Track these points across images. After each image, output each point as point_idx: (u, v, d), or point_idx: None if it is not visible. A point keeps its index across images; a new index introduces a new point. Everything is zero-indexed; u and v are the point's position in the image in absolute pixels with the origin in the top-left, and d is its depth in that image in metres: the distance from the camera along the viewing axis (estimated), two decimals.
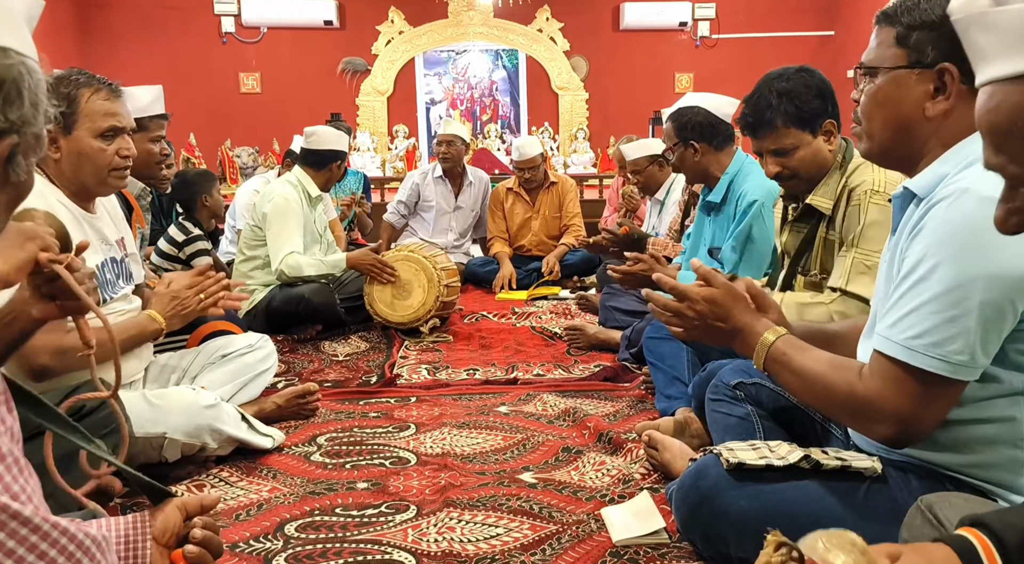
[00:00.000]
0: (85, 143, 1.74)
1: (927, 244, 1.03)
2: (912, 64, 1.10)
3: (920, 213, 1.07)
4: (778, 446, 1.24)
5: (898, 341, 1.04)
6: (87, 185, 1.79)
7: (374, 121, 7.85)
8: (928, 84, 1.09)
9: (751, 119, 1.82)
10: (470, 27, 7.83)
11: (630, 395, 2.45)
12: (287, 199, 3.22)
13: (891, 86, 1.13)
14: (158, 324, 1.81)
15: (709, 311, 1.27)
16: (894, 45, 1.12)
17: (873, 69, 1.15)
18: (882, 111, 1.14)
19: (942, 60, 1.07)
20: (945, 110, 1.09)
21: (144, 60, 7.25)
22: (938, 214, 1.02)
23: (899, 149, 1.16)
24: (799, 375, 1.18)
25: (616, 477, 1.83)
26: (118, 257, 1.90)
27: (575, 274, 4.43)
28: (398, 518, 1.64)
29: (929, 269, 1.02)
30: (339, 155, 3.42)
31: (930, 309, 1.01)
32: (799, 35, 7.81)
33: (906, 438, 1.09)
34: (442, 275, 3.27)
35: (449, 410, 2.34)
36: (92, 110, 1.73)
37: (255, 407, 2.17)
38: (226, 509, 1.69)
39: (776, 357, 1.20)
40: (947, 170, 1.07)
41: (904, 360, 1.03)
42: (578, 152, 7.79)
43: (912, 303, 1.03)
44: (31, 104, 0.67)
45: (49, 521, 0.58)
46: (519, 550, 1.50)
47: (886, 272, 1.18)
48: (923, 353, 1.01)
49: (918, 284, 1.03)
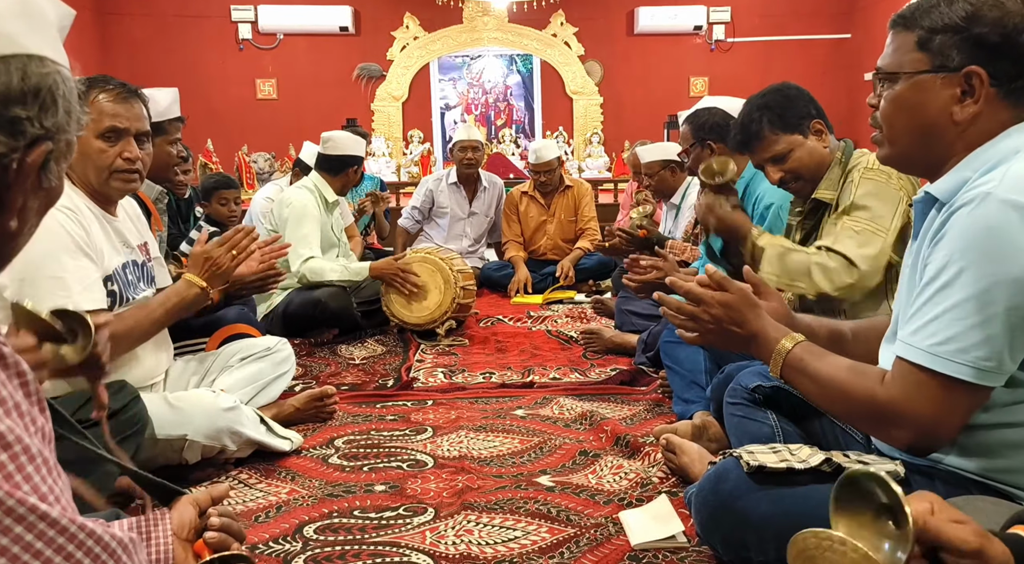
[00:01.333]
0: (86, 143, 1.71)
1: (950, 250, 1.01)
2: (936, 68, 1.08)
3: (942, 218, 1.06)
4: (799, 449, 1.23)
5: (922, 348, 1.02)
6: (98, 186, 1.78)
7: (389, 126, 7.90)
8: (954, 88, 1.07)
9: (740, 137, 1.93)
10: (485, 32, 7.87)
11: (647, 399, 2.44)
12: (304, 203, 3.25)
13: (913, 91, 1.11)
14: (197, 286, 1.86)
15: (724, 315, 1.26)
16: (915, 49, 1.10)
17: (893, 74, 1.13)
18: (904, 117, 1.13)
19: (968, 63, 1.05)
20: (974, 114, 1.07)
21: (163, 67, 7.34)
22: (961, 219, 1.01)
23: (921, 155, 1.14)
24: (818, 382, 1.17)
25: (634, 481, 1.83)
26: (139, 261, 1.93)
27: (590, 278, 4.42)
28: (416, 521, 1.65)
29: (953, 275, 1.00)
30: (356, 160, 3.45)
31: (955, 315, 1.00)
32: (815, 38, 7.78)
33: (928, 445, 1.08)
34: (459, 277, 3.28)
35: (466, 413, 2.35)
36: (96, 110, 1.72)
37: (273, 410, 2.19)
38: (245, 511, 1.70)
39: (794, 364, 1.20)
40: (968, 175, 1.06)
41: (929, 367, 1.02)
42: (592, 156, 7.79)
43: (936, 309, 1.02)
44: (65, 111, 0.68)
45: (76, 523, 0.59)
46: (537, 553, 1.50)
47: (908, 277, 1.16)
48: (949, 359, 1.00)
49: (942, 290, 1.01)
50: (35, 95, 0.64)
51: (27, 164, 0.65)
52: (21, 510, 0.53)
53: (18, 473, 0.55)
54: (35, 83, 0.65)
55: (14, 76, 0.63)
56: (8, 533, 0.52)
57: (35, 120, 0.64)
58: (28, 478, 0.55)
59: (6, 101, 0.63)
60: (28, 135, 0.64)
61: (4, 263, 0.72)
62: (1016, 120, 1.06)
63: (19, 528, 0.53)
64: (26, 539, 0.53)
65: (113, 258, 1.79)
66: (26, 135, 0.64)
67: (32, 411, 0.61)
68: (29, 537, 0.54)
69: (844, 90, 7.46)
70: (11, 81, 0.63)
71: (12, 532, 0.53)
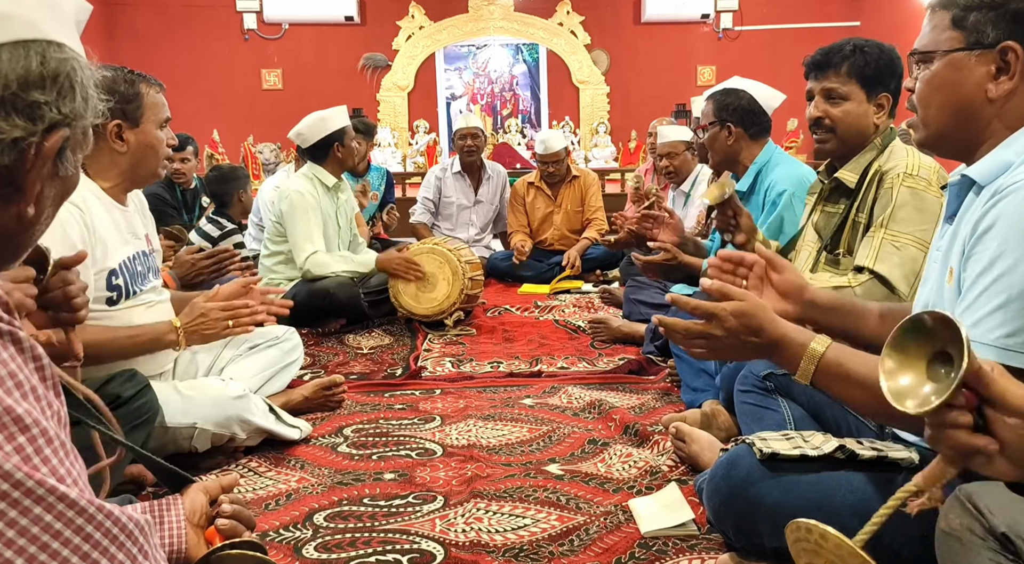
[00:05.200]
0: (153, 135, 1.82)
1: (1004, 237, 0.96)
2: (971, 46, 1.07)
3: (985, 203, 1.01)
4: (812, 436, 1.22)
5: (988, 341, 0.96)
6: (143, 176, 1.86)
7: (395, 116, 7.87)
8: (989, 65, 1.06)
9: (819, 57, 1.83)
10: (490, 22, 7.82)
11: (655, 388, 2.44)
12: (302, 194, 3.21)
13: (948, 70, 1.09)
14: (175, 339, 1.79)
15: (741, 326, 1.15)
16: (950, 28, 1.09)
17: (928, 54, 1.11)
18: (940, 96, 1.11)
19: (1004, 39, 1.04)
20: (1009, 90, 1.05)
21: (168, 57, 7.33)
22: (1012, 205, 0.97)
23: (957, 135, 1.12)
24: (865, 387, 1.05)
25: (643, 469, 1.82)
26: (146, 250, 1.93)
27: (597, 268, 4.41)
28: (425, 509, 1.65)
29: (1011, 264, 0.95)
30: (335, 136, 3.30)
31: (1020, 305, 0.94)
32: (824, 26, 7.71)
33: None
34: (466, 268, 3.27)
35: (474, 402, 2.35)
36: (153, 103, 1.83)
37: (282, 399, 2.19)
38: (255, 499, 1.71)
39: (829, 370, 1.10)
40: (1010, 158, 1.03)
41: (1002, 361, 0.93)
42: (599, 146, 7.75)
43: (996, 300, 0.96)
44: (82, 98, 0.68)
45: (95, 504, 0.59)
46: (547, 541, 1.50)
47: (941, 260, 1.12)
48: (1020, 352, 0.94)
49: (1000, 279, 0.96)
50: (54, 80, 0.65)
51: (44, 149, 0.65)
52: (40, 491, 0.53)
53: (36, 455, 0.55)
54: (54, 68, 0.65)
55: (33, 60, 0.63)
56: (28, 514, 0.53)
57: (53, 105, 0.65)
58: (46, 460, 0.55)
59: (25, 85, 0.63)
60: (46, 120, 0.64)
61: (21, 252, 0.72)
62: None
63: (38, 509, 0.53)
64: (46, 519, 0.53)
65: (121, 249, 1.79)
66: (44, 120, 0.64)
67: (48, 395, 0.61)
68: (48, 518, 0.54)
69: None
70: (30, 65, 0.63)
71: (32, 512, 0.53)
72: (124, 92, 1.77)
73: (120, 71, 1.81)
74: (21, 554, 0.52)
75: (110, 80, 1.76)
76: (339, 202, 3.40)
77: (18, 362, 0.57)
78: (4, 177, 0.64)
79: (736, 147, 2.47)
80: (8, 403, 0.54)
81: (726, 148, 2.48)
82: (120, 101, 1.76)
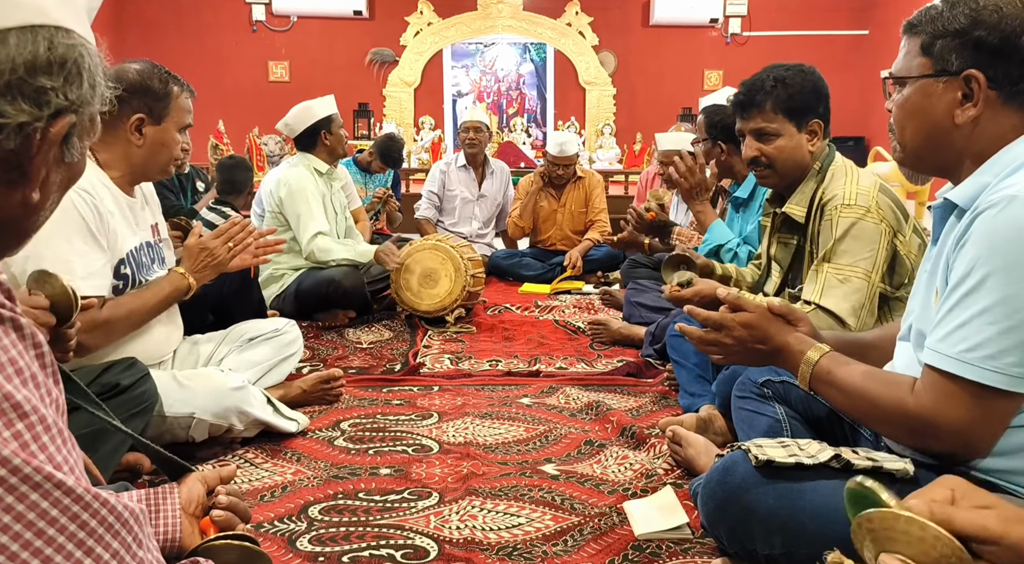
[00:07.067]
0: (170, 135, 1.85)
1: (976, 254, 1.00)
2: (938, 73, 1.10)
3: (965, 223, 1.04)
4: (808, 444, 1.22)
5: (951, 355, 1.01)
6: (151, 172, 1.88)
7: (401, 112, 7.88)
8: (956, 92, 1.09)
9: (743, 97, 1.87)
10: (499, 20, 7.83)
11: (653, 391, 2.44)
12: (300, 179, 3.23)
13: (919, 95, 1.13)
14: (188, 281, 1.89)
15: (748, 335, 1.27)
16: (919, 54, 1.13)
17: (901, 79, 1.16)
18: (913, 121, 1.15)
19: (967, 67, 1.07)
20: (974, 117, 1.08)
21: (176, 48, 7.34)
22: (986, 223, 1.00)
23: (933, 158, 1.16)
24: (847, 393, 1.16)
25: (639, 471, 1.83)
26: (152, 241, 1.94)
27: (599, 269, 4.41)
28: (420, 505, 1.65)
29: (980, 280, 0.99)
30: (321, 125, 3.31)
31: (983, 321, 0.98)
32: (832, 34, 7.71)
33: (963, 452, 1.06)
34: (469, 265, 3.28)
35: (472, 400, 2.35)
36: (181, 106, 1.86)
37: (280, 391, 2.19)
38: (251, 490, 1.71)
39: (821, 376, 1.19)
40: (988, 180, 1.06)
41: (958, 374, 1.00)
42: (604, 148, 7.75)
43: (963, 315, 1.00)
44: (90, 85, 0.68)
45: (91, 492, 0.59)
46: (541, 540, 1.50)
47: (925, 282, 1.16)
48: (978, 366, 0.98)
49: (969, 295, 1.00)
50: (61, 66, 0.65)
51: (50, 135, 0.65)
52: (38, 478, 0.53)
53: (34, 442, 0.55)
54: (61, 54, 0.65)
55: (41, 45, 0.63)
56: (24, 500, 0.53)
57: (60, 91, 0.64)
58: (44, 448, 0.56)
59: (32, 70, 0.63)
60: (52, 105, 0.64)
61: (26, 238, 0.72)
62: None
63: (35, 495, 0.53)
64: (42, 506, 0.54)
65: (129, 239, 1.80)
66: (50, 105, 0.64)
67: (47, 382, 0.61)
68: (45, 504, 0.54)
69: (860, 87, 7.39)
70: (38, 50, 0.63)
71: (28, 499, 0.53)
72: (156, 89, 1.80)
73: (158, 69, 1.84)
74: (17, 540, 0.52)
75: (146, 74, 1.80)
76: (332, 189, 3.40)
77: (19, 348, 0.58)
78: (9, 162, 0.64)
79: (729, 161, 2.54)
80: (8, 389, 0.54)
81: (720, 162, 2.54)
82: (150, 97, 1.79)
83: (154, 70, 1.83)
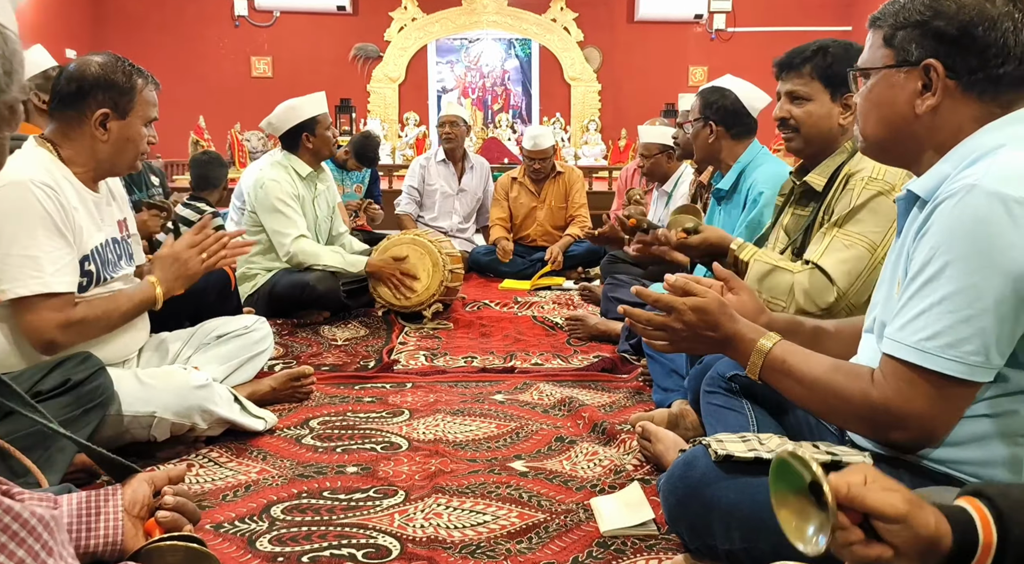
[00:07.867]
0: (136, 129, 1.81)
1: (935, 243, 1.00)
2: (899, 63, 1.11)
3: (925, 214, 1.04)
4: (768, 438, 1.21)
5: (910, 344, 1.00)
6: (117, 167, 1.86)
7: (385, 108, 7.83)
8: (916, 82, 1.10)
9: (784, 58, 1.85)
10: (484, 15, 7.79)
11: (627, 386, 2.42)
12: (277, 181, 3.14)
13: (882, 86, 1.14)
14: (157, 294, 1.86)
15: (698, 320, 1.23)
16: (882, 46, 1.14)
17: (865, 70, 1.17)
18: (876, 111, 1.16)
19: (926, 57, 1.08)
20: (933, 106, 1.08)
21: (157, 43, 7.27)
22: (945, 212, 1.00)
23: (895, 148, 1.16)
24: (804, 383, 1.14)
25: (608, 468, 1.81)
26: (119, 237, 1.91)
27: (579, 265, 4.40)
28: (385, 503, 1.63)
29: (939, 269, 0.99)
30: (304, 125, 3.20)
31: (942, 309, 0.98)
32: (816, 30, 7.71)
33: (924, 442, 1.06)
34: (447, 260, 3.25)
35: (444, 397, 2.33)
36: (145, 100, 1.83)
37: (249, 388, 2.16)
38: (213, 489, 1.68)
39: (775, 365, 1.17)
40: (948, 170, 1.05)
41: (918, 363, 1.00)
42: (589, 144, 7.74)
43: (922, 304, 1.00)
44: (4, 71, 0.65)
45: None
46: (505, 538, 1.48)
47: (890, 274, 1.15)
48: (937, 355, 0.98)
49: (928, 284, 1.00)
50: None
51: None
52: None
53: None
54: None
55: None
56: None
57: None
58: None
59: None
60: None
61: None
62: (987, 114, 1.07)
63: None
64: None
65: (94, 236, 1.77)
66: None
67: None
68: None
69: None
70: None
71: None
72: (120, 83, 1.76)
73: (121, 62, 1.80)
74: None
75: (109, 68, 1.77)
76: (316, 192, 3.33)
77: None
78: None
79: (716, 145, 2.49)
80: None
81: (707, 145, 2.51)
82: (114, 91, 1.75)
83: (117, 63, 1.79)
